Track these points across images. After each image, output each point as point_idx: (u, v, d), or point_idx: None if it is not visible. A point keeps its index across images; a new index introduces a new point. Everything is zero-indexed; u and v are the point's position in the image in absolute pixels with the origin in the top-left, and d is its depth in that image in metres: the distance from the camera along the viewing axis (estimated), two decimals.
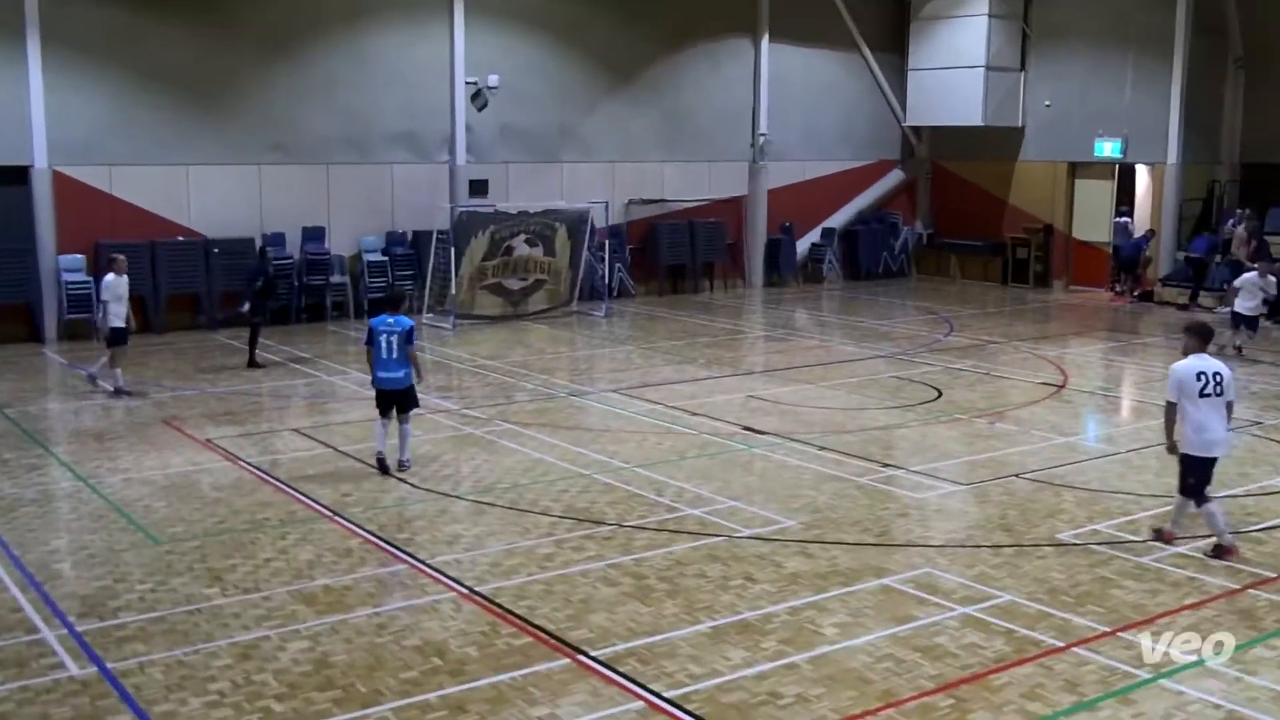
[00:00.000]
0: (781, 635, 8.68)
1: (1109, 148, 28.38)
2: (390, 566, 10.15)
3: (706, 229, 28.37)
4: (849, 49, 30.63)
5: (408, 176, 24.74)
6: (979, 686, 7.85)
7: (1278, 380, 18.24)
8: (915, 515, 11.69)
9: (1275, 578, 9.82)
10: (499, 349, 20.94)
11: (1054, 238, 29.99)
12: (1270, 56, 27.19)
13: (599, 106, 27.03)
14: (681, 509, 11.73)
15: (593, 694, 7.76)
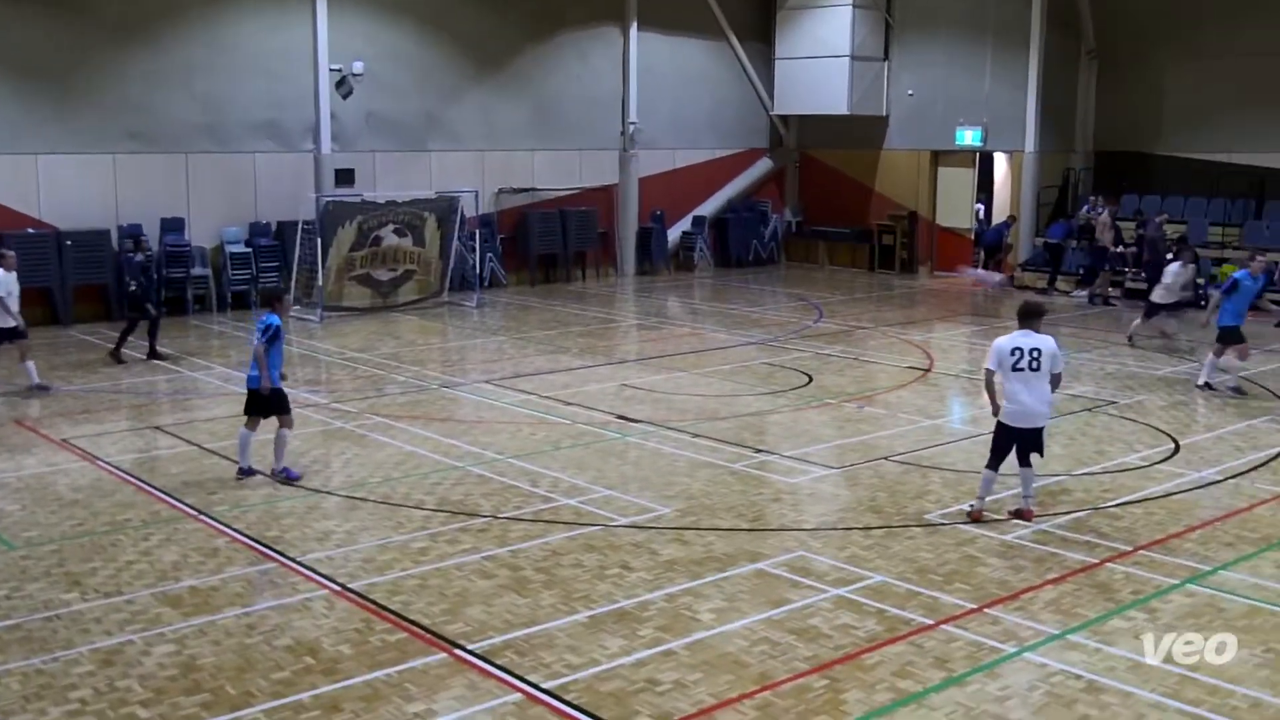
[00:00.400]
0: (658, 622, 8.72)
1: (970, 136, 29.16)
2: (259, 565, 9.93)
3: (578, 218, 28.34)
4: (717, 38, 30.87)
5: (271, 166, 24.16)
6: (852, 666, 8.00)
7: (1133, 361, 18.95)
8: (788, 500, 11.86)
9: (1130, 551, 10.20)
10: (368, 341, 20.63)
11: (918, 224, 30.72)
12: (1120, 48, 28.24)
13: (467, 95, 26.77)
14: (557, 499, 11.71)
15: (470, 687, 7.70)
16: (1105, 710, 7.39)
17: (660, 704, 7.45)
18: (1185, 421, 14.88)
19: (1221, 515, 11.19)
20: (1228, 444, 13.79)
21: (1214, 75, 26.42)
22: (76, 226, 21.78)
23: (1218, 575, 9.67)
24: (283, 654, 8.16)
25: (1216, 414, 15.28)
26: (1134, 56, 27.97)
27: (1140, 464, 12.99)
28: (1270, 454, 13.32)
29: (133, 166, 22.56)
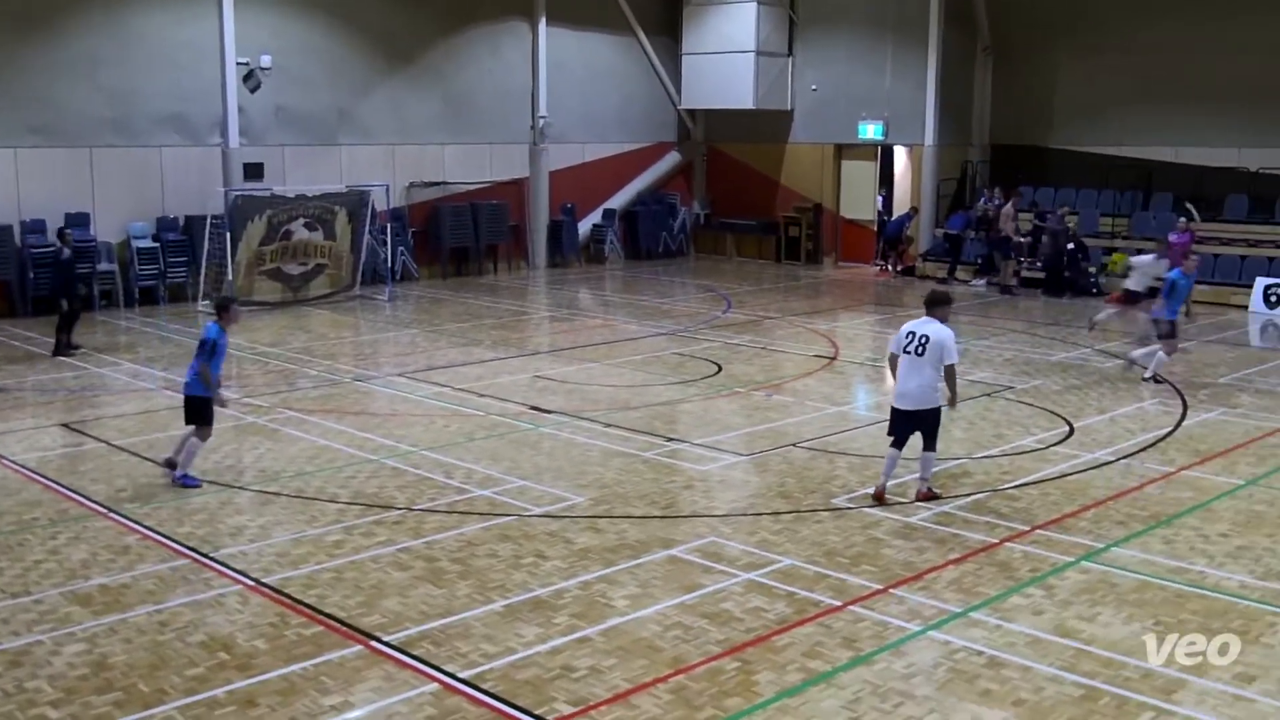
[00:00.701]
0: (573, 610, 8.72)
1: (871, 130, 29.50)
2: (171, 562, 9.72)
3: (489, 211, 28.16)
4: (625, 33, 30.87)
5: (178, 160, 23.62)
6: (764, 648, 8.08)
7: (1030, 348, 19.36)
8: (699, 487, 11.93)
9: (1028, 531, 10.44)
10: (280, 335, 20.31)
11: (823, 216, 31.04)
12: (1015, 44, 28.82)
13: (377, 89, 26.45)
14: (471, 490, 11.65)
15: (386, 679, 7.63)
16: (1006, 684, 7.55)
17: (576, 690, 7.46)
18: (1079, 405, 15.24)
19: (1113, 495, 11.49)
20: (1119, 426, 14.16)
21: (1105, 71, 27.07)
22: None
23: (1110, 552, 9.94)
24: (196, 650, 8.02)
25: (1109, 398, 15.68)
26: (1028, 52, 28.57)
27: (1037, 446, 13.29)
28: (1159, 435, 13.72)
29: (35, 161, 21.90)
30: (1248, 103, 25.07)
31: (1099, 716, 7.16)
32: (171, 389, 16.01)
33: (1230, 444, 13.34)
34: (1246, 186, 25.59)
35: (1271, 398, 15.74)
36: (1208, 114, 25.61)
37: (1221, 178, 25.83)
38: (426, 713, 7.18)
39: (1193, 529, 10.54)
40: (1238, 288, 23.88)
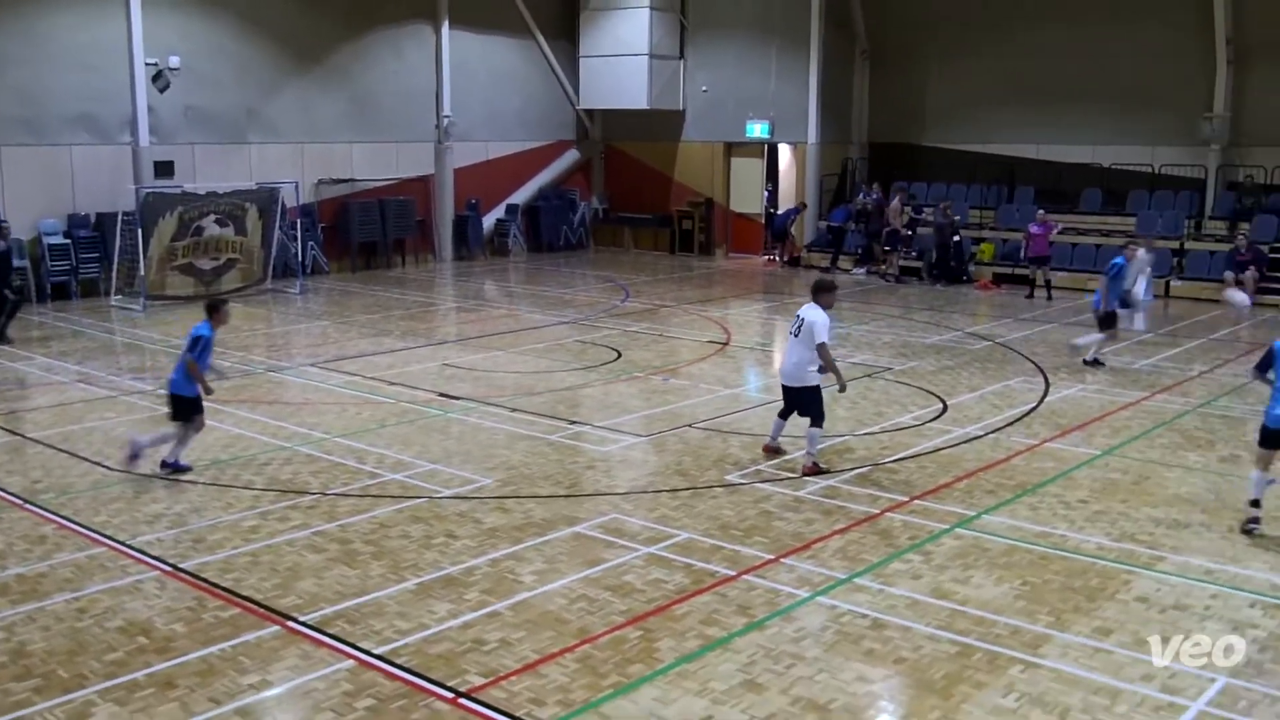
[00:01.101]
0: (483, 586, 8.68)
1: (758, 129, 29.76)
2: (88, 551, 9.44)
3: (396, 207, 27.81)
4: (525, 36, 30.66)
5: (88, 158, 22.86)
6: (664, 617, 8.12)
7: (907, 332, 19.73)
8: (601, 467, 11.93)
9: (907, 501, 10.65)
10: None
11: (714, 210, 31.25)
12: (890, 49, 29.27)
13: (285, 89, 25.89)
14: (383, 474, 11.50)
15: (303, 657, 7.52)
16: (888, 644, 7.71)
17: (487, 662, 7.43)
18: (951, 384, 15.58)
19: (984, 466, 11.77)
20: (988, 403, 14.50)
21: (972, 74, 27.66)
22: None
23: (981, 519, 10.19)
24: (115, 635, 7.81)
25: (978, 377, 16.04)
26: (902, 57, 29.03)
27: (914, 423, 13.55)
28: (1024, 410, 14.09)
29: None
30: (1102, 104, 25.82)
31: (973, 671, 7.34)
32: (85, 382, 15.54)
33: (1088, 417, 13.75)
34: (1100, 181, 26.38)
35: (1124, 375, 16.26)
36: (1066, 114, 26.31)
37: (1078, 173, 26.58)
38: (343, 688, 7.09)
39: (1055, 496, 10.85)
40: (1093, 274, 24.60)
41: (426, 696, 6.99)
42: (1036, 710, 6.86)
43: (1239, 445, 12.52)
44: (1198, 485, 11.10)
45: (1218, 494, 10.88)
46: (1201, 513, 10.35)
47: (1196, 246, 24.36)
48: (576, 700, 6.94)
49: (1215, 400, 14.59)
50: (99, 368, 16.52)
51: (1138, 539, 9.72)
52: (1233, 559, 9.27)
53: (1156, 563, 9.19)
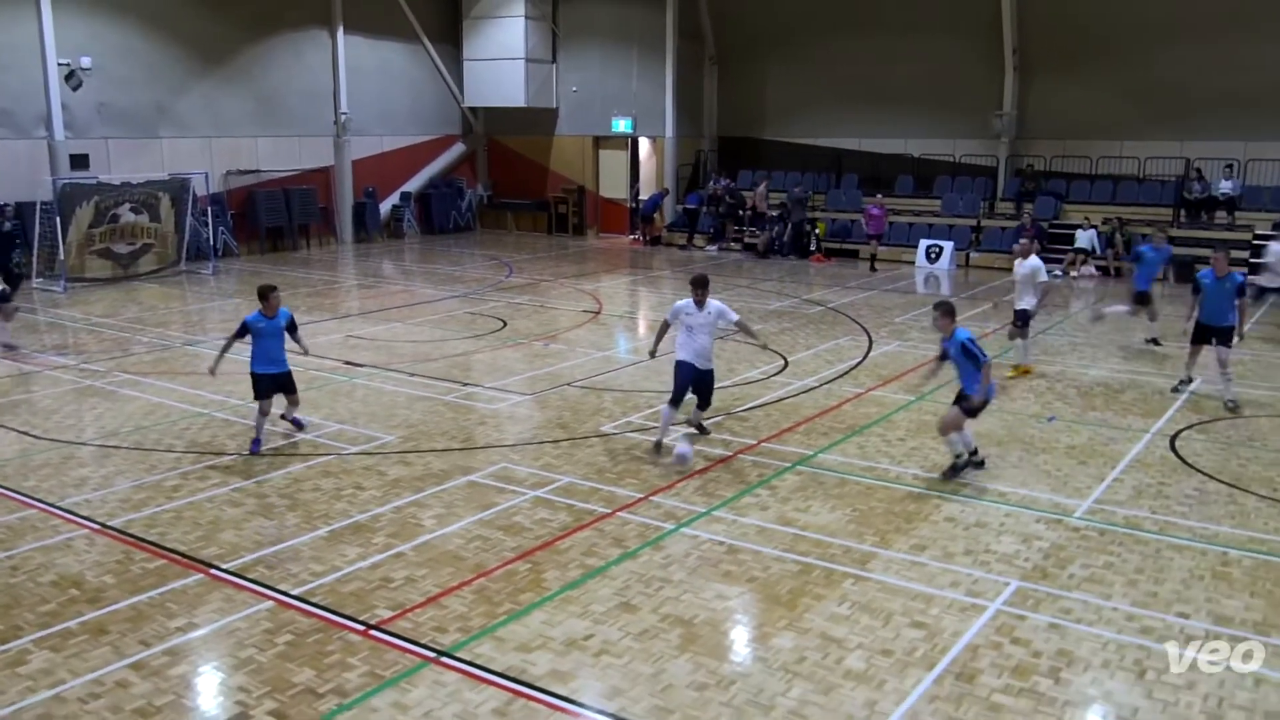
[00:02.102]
0: (389, 531, 8.56)
1: (623, 124, 29.69)
2: (19, 513, 8.97)
3: (300, 195, 26.92)
4: (413, 41, 29.91)
5: (6, 151, 21.54)
6: (549, 551, 8.13)
7: (753, 299, 20.00)
8: (492, 423, 11.84)
9: (755, 444, 10.84)
10: (113, 308, 18.90)
11: (586, 196, 31.10)
12: (732, 56, 29.44)
13: (193, 88, 24.76)
14: (295, 435, 11.21)
15: (226, 601, 7.31)
16: (742, 565, 7.86)
17: (394, 597, 7.34)
18: (791, 343, 15.87)
19: (819, 413, 12.05)
20: (822, 359, 14.83)
21: (804, 77, 28.03)
22: None
23: (818, 458, 10.44)
24: (48, 589, 7.46)
25: (814, 337, 16.38)
26: (744, 62, 29.23)
27: (760, 378, 13.78)
28: (851, 364, 14.46)
29: None
30: (912, 104, 26.47)
31: (813, 585, 7.55)
32: (10, 359, 14.71)
33: (904, 369, 14.18)
34: (911, 169, 27.09)
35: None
36: (883, 112, 26.92)
37: (893, 162, 27.25)
38: (264, 626, 6.92)
39: (879, 436, 11.18)
40: (906, 247, 25.35)
41: (340, 630, 6.87)
42: (865, 615, 7.09)
43: (1025, 389, 13.08)
44: (993, 423, 11.56)
45: (1009, 430, 11.36)
46: (996, 445, 10.79)
47: (990, 224, 25.28)
48: (475, 626, 6.92)
49: (1006, 352, 15.20)
50: (24, 344, 15.65)
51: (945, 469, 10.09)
52: (1021, 483, 9.70)
53: (961, 489, 9.56)
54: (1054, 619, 7.05)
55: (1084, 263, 23.12)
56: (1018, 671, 6.39)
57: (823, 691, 6.16)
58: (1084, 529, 8.61)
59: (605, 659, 6.51)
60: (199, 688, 6.27)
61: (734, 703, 6.05)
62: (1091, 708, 6.06)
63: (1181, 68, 23.23)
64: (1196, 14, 23.02)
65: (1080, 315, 18.41)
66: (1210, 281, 12.48)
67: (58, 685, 6.18)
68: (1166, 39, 23.42)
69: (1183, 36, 23.23)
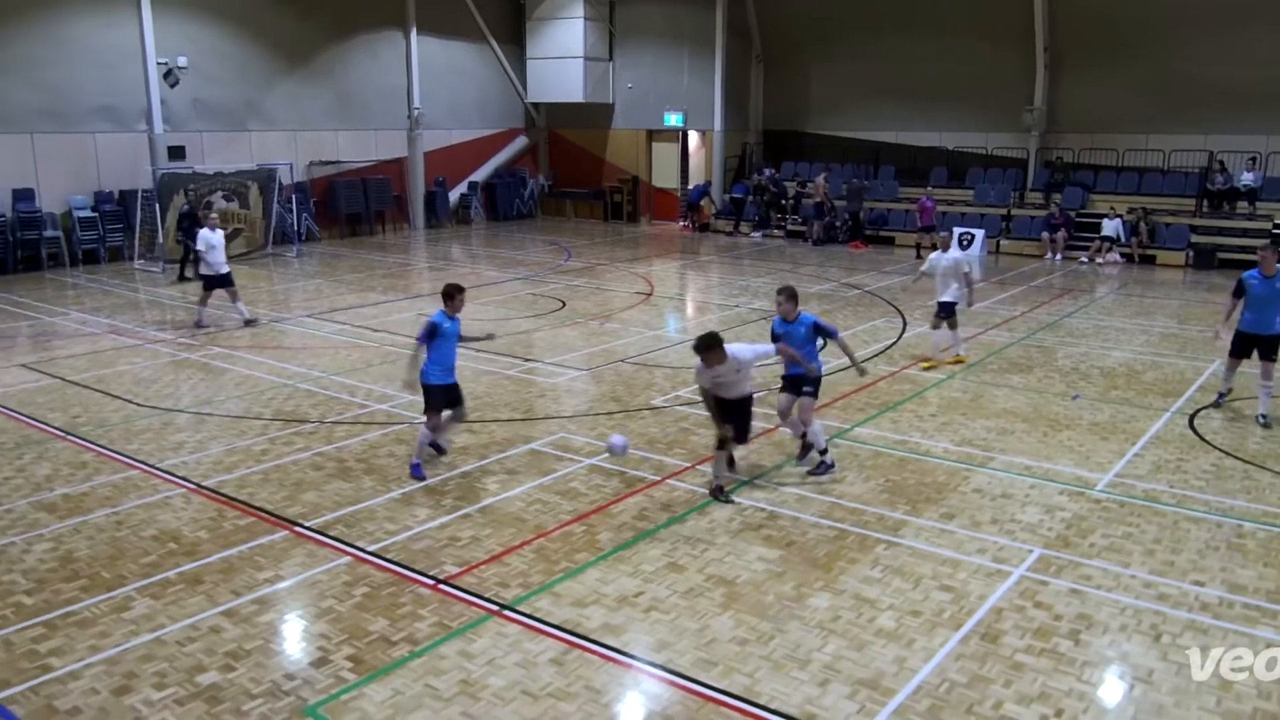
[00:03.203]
0: (456, 494, 8.66)
1: (674, 118, 29.51)
2: (123, 473, 9.23)
3: (376, 184, 27.18)
4: (480, 40, 29.96)
5: (110, 144, 21.95)
6: (603, 515, 8.18)
7: (794, 282, 19.77)
8: (551, 395, 11.90)
9: None
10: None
11: (639, 186, 31.01)
12: (779, 53, 29.08)
13: (278, 85, 25.05)
14: (371, 405, 11.37)
15: (309, 555, 7.46)
16: (782, 530, 7.85)
17: (461, 554, 7.43)
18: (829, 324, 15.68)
19: (855, 390, 11.92)
20: (858, 339, 14.67)
21: (845, 74, 27.63)
22: None
23: (853, 431, 10.37)
24: (149, 542, 7.67)
25: (851, 319, 16.22)
26: (789, 60, 28.89)
27: None
28: (886, 345, 14.30)
29: None
30: (947, 99, 25.99)
31: (847, 549, 7.51)
32: (115, 333, 15.08)
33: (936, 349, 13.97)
34: (945, 161, 26.62)
35: (964, 315, 16.44)
36: (919, 107, 26.45)
37: (928, 154, 26.78)
38: (343, 579, 7.06)
39: (911, 412, 11.06)
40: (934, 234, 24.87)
41: (411, 584, 6.98)
42: (897, 579, 7.05)
43: (1051, 369, 12.85)
44: (1020, 401, 11.39)
45: (1035, 407, 11.18)
46: (1023, 422, 10.63)
47: (1020, 213, 24.78)
48: (534, 582, 6.99)
49: (1033, 334, 14.95)
50: (126, 321, 16.05)
51: (974, 444, 9.97)
52: (1046, 457, 9.55)
53: (988, 462, 9.44)
54: (1075, 585, 6.95)
55: (1109, 250, 22.62)
56: (1039, 633, 6.32)
57: (856, 648, 6.15)
58: (1105, 501, 8.47)
59: (654, 615, 6.55)
60: (284, 634, 6.42)
61: (773, 657, 6.06)
62: (1109, 668, 5.97)
63: (1206, 63, 22.54)
64: (1221, 9, 22.29)
65: (1104, 300, 18.02)
66: (1258, 283, 10.22)
67: (158, 629, 6.36)
68: (1191, 34, 22.72)
69: (1206, 32, 22.52)
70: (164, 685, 5.75)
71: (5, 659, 6.01)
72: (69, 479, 9.05)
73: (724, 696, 5.66)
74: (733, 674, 5.87)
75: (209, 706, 5.55)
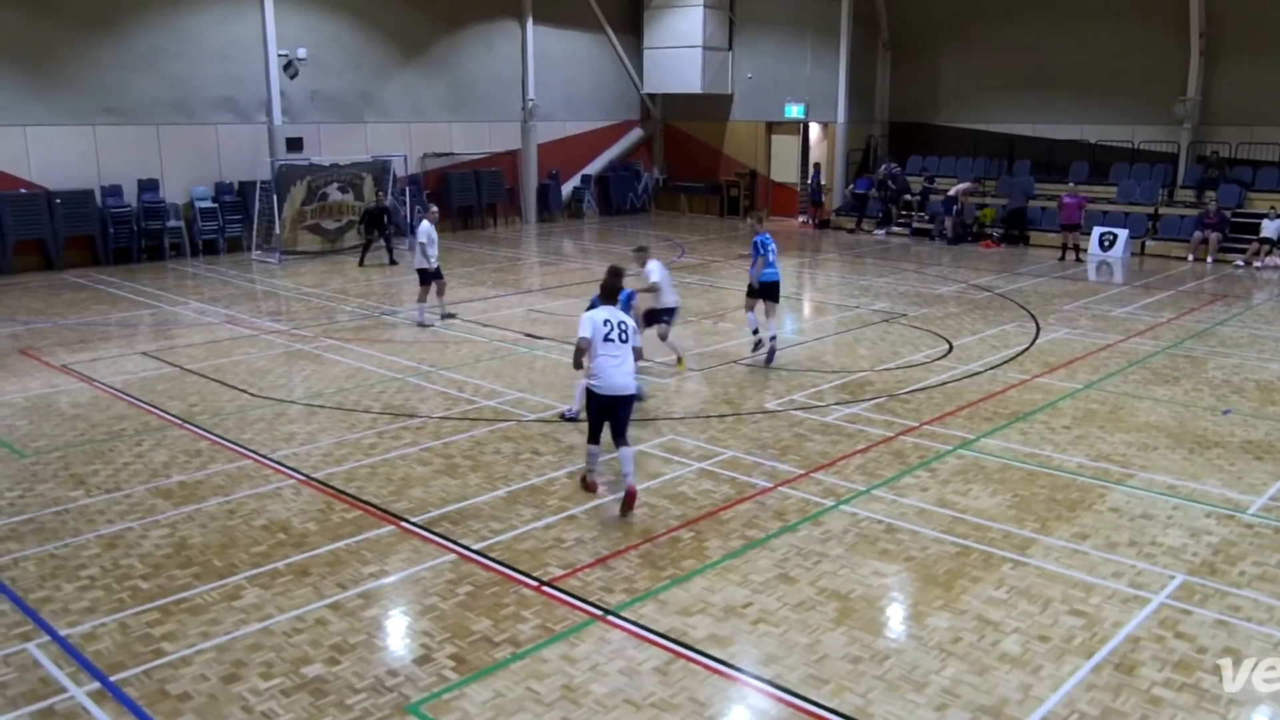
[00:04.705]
0: (562, 495, 8.77)
1: (795, 110, 29.23)
2: (237, 463, 9.68)
3: (489, 176, 27.76)
4: (597, 30, 30.29)
5: (231, 135, 23.05)
6: (712, 521, 8.17)
7: (919, 284, 19.44)
8: (661, 395, 11.94)
9: (917, 426, 10.56)
10: (320, 279, 20.04)
11: (757, 180, 30.84)
12: (907, 41, 28.51)
13: (394, 76, 25.86)
14: (479, 401, 11.62)
15: (414, 551, 7.68)
16: (899, 545, 7.70)
17: (565, 556, 7.53)
18: (956, 328, 15.35)
19: (982, 397, 11.63)
20: (987, 344, 14.28)
21: (977, 64, 26.89)
22: (63, 187, 20.61)
23: (980, 442, 10.09)
24: (259, 532, 8.02)
25: (979, 322, 15.79)
26: (918, 48, 28.28)
27: (924, 361, 13.39)
28: (1017, 351, 13.86)
29: (111, 136, 21.31)
30: (1090, 88, 25.01)
31: (970, 568, 7.32)
32: (231, 323, 15.81)
33: (1072, 357, 13.51)
34: (1087, 155, 25.60)
35: (1104, 320, 15.91)
36: (1058, 97, 25.53)
37: (1068, 148, 25.81)
38: (447, 577, 7.24)
39: (1043, 423, 10.71)
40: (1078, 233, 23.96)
41: (516, 585, 7.11)
42: (1023, 601, 6.83)
43: (1200, 381, 12.25)
44: (1164, 415, 10.90)
45: (1180, 422, 10.67)
46: (1167, 437, 10.17)
47: (1169, 212, 23.65)
48: (640, 588, 7.03)
49: (1181, 343, 14.27)
50: (243, 311, 16.81)
51: (1112, 459, 9.59)
52: (1191, 476, 9.12)
53: (1127, 479, 9.07)
54: (1221, 615, 6.61)
55: (1269, 253, 21.37)
56: (1180, 666, 6.03)
57: (977, 672, 5.98)
58: (1257, 526, 8.02)
59: (763, 627, 6.51)
60: (388, 629, 6.62)
61: (887, 677, 5.95)
62: (1259, 708, 5.66)
63: None
64: None
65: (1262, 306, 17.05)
66: None
67: (266, 619, 6.64)
68: None
69: None
70: (270, 675, 6.00)
71: (121, 641, 6.38)
72: (185, 466, 9.53)
73: (834, 716, 5.59)
74: (844, 693, 5.79)
75: (314, 699, 5.77)
